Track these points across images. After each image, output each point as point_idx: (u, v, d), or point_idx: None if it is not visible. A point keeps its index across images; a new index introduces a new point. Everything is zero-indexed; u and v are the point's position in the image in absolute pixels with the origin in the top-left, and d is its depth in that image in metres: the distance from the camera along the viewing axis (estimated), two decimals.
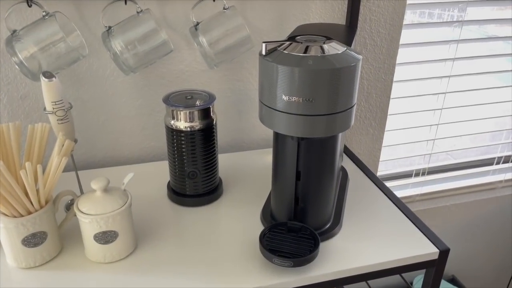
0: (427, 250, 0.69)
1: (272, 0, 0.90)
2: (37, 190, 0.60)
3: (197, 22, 0.81)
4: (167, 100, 0.74)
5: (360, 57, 0.59)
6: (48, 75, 0.64)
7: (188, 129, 0.73)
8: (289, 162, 0.66)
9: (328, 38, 0.62)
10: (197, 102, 0.74)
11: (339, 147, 0.68)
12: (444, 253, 0.69)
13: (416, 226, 0.74)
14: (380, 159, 1.20)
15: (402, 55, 1.07)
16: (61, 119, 0.67)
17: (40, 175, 0.59)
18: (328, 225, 0.72)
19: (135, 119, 0.94)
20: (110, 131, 0.94)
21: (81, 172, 0.89)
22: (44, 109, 0.67)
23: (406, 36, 1.05)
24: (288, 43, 0.60)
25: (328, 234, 0.70)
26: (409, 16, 1.07)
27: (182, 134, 0.74)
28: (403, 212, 0.78)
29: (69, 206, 0.77)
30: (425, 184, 1.32)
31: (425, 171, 1.31)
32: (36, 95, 0.86)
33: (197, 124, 0.73)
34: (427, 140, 1.26)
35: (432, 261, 0.70)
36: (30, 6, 0.74)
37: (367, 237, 0.71)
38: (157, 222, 0.75)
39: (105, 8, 0.78)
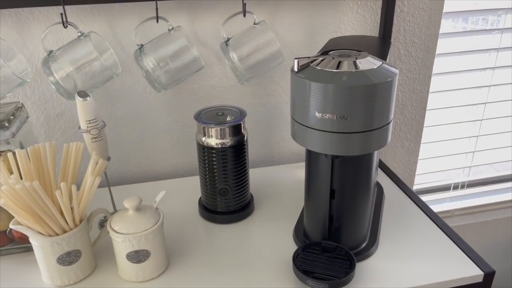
0: (471, 272, 0.65)
1: (303, 13, 0.89)
2: (72, 209, 0.61)
3: (227, 37, 0.81)
4: (198, 117, 0.74)
5: (397, 71, 0.56)
6: (83, 95, 0.65)
7: (219, 145, 0.73)
8: (323, 180, 0.64)
9: (363, 52, 0.60)
10: (227, 118, 0.74)
11: (375, 164, 0.66)
12: (489, 275, 0.65)
13: (458, 246, 0.71)
14: (417, 173, 1.16)
15: (439, 64, 1.04)
16: (95, 137, 0.68)
17: (74, 195, 0.60)
18: (364, 245, 0.69)
19: (166, 135, 0.95)
20: (143, 147, 0.95)
21: (114, 188, 0.90)
22: (79, 127, 0.68)
23: (442, 44, 1.02)
24: (320, 58, 0.58)
25: (364, 254, 0.68)
26: (446, 23, 1.03)
27: (213, 151, 0.73)
28: (443, 231, 0.74)
29: (102, 223, 0.78)
30: (465, 198, 1.26)
31: (464, 184, 1.26)
32: (72, 113, 0.88)
33: (228, 141, 0.73)
34: (466, 153, 1.20)
35: (476, 284, 0.66)
36: (65, 27, 0.76)
37: (405, 258, 0.68)
38: (188, 239, 0.74)
39: (137, 27, 0.79)
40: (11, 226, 0.59)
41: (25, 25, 0.79)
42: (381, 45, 0.76)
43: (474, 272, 0.65)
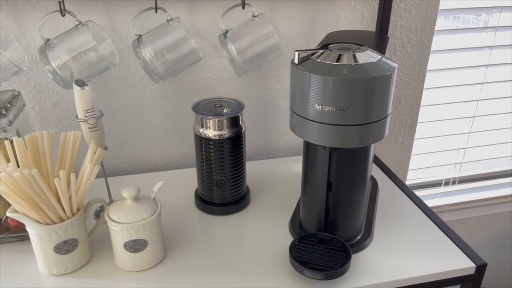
0: (463, 264, 0.66)
1: (301, 7, 0.89)
2: (70, 197, 0.61)
3: (226, 30, 0.81)
4: (197, 108, 0.74)
5: (396, 65, 0.57)
6: (81, 84, 0.65)
7: (217, 137, 0.73)
8: (320, 173, 0.64)
9: (362, 46, 0.60)
10: (224, 110, 0.74)
11: (371, 157, 0.67)
12: (481, 268, 0.67)
13: (451, 239, 0.72)
14: (409, 168, 1.17)
15: (434, 61, 1.05)
16: (93, 127, 0.68)
17: (73, 183, 0.60)
18: (359, 237, 0.70)
19: (163, 126, 0.95)
20: (139, 138, 0.95)
21: (110, 179, 0.89)
22: (76, 117, 0.67)
23: (437, 42, 1.03)
24: (321, 51, 0.59)
25: (359, 246, 0.69)
26: (441, 22, 1.04)
27: (211, 143, 0.73)
28: (436, 224, 0.76)
29: (98, 213, 0.78)
30: (455, 194, 1.28)
31: (455, 180, 1.27)
32: (67, 103, 0.88)
33: (226, 133, 0.73)
34: (458, 149, 1.22)
35: (468, 276, 0.67)
36: (63, 15, 0.75)
37: (399, 250, 0.69)
38: (184, 230, 0.74)
39: (136, 17, 0.79)
40: (8, 214, 0.59)
41: (22, 13, 0.79)
42: (379, 39, 0.76)
43: (466, 265, 0.66)
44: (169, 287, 0.62)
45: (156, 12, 0.78)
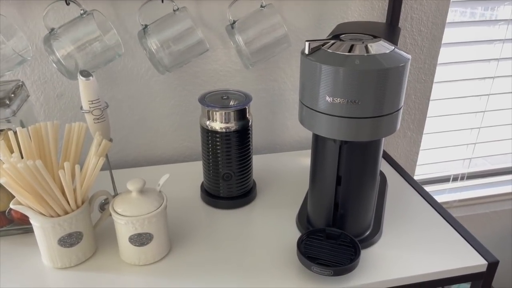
0: (475, 261, 0.65)
1: None
2: (74, 190, 0.60)
3: (233, 20, 0.79)
4: (203, 100, 0.73)
5: (409, 57, 0.55)
6: (86, 74, 0.64)
7: (224, 130, 0.71)
8: (330, 167, 0.63)
9: (375, 37, 0.59)
10: (231, 102, 0.73)
11: (381, 151, 0.65)
12: (493, 265, 0.65)
13: (461, 235, 0.70)
14: (417, 163, 1.16)
15: (444, 54, 1.03)
16: (98, 118, 0.67)
17: (77, 175, 0.59)
18: (368, 233, 0.69)
19: (168, 119, 0.94)
20: (144, 130, 0.94)
21: (115, 171, 0.88)
22: (81, 108, 0.66)
23: (447, 34, 1.00)
24: (332, 41, 0.57)
25: (368, 242, 0.67)
26: (449, 15, 1.02)
27: (218, 135, 0.72)
28: (446, 220, 0.74)
29: (103, 206, 0.77)
30: (464, 190, 1.27)
31: (464, 176, 1.26)
32: (72, 94, 0.87)
33: (233, 125, 0.72)
34: (467, 144, 1.20)
35: (480, 273, 0.66)
36: (68, 4, 0.74)
37: (409, 246, 0.68)
38: (190, 224, 0.73)
39: (142, 6, 0.77)
40: (11, 206, 0.58)
41: (26, 2, 0.77)
42: (390, 31, 0.75)
43: (477, 262, 0.65)
44: (174, 281, 0.61)
45: (162, 1, 0.77)
